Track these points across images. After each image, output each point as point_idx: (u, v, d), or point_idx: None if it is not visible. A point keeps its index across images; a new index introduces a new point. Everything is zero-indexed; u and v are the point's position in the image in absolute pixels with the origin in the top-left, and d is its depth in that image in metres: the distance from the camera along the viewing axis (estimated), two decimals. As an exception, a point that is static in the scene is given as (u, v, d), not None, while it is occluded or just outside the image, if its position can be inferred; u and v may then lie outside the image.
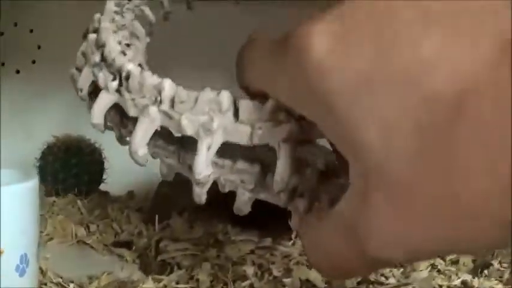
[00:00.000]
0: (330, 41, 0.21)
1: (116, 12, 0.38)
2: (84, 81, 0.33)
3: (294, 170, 0.27)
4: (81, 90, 0.33)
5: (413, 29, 0.19)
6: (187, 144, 0.29)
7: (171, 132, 0.29)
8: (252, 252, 0.51)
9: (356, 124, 0.20)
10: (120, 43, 0.33)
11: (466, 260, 0.51)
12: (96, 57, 0.32)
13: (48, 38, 0.79)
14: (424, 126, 0.19)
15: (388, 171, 0.20)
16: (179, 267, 0.48)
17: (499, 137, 0.18)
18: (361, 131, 0.20)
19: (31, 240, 0.37)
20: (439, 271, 0.48)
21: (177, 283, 0.47)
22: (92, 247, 0.56)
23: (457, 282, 0.46)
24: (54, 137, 0.67)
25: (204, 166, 0.28)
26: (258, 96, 0.26)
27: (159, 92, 0.28)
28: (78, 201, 0.62)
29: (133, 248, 0.54)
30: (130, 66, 0.30)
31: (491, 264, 0.49)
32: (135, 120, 0.30)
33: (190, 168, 0.28)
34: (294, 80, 0.22)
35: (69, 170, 0.63)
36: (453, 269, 0.49)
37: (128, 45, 0.34)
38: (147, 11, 0.42)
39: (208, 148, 0.27)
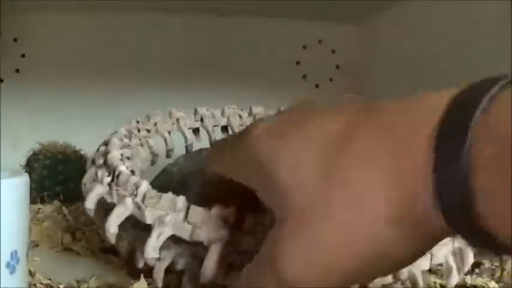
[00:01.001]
0: (264, 129, 0.30)
1: (125, 136, 0.49)
2: (88, 177, 0.42)
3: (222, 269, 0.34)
4: (85, 184, 0.42)
5: (316, 121, 0.28)
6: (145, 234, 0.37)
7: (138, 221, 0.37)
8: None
9: (276, 173, 0.28)
10: (122, 155, 0.43)
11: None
12: (101, 161, 0.42)
13: (32, 47, 0.79)
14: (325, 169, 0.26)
15: (296, 203, 0.26)
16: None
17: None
18: (279, 177, 0.27)
19: (22, 237, 0.36)
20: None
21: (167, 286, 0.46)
22: (78, 253, 0.55)
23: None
24: (40, 144, 0.66)
25: (151, 250, 0.35)
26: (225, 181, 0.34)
27: (137, 188, 0.37)
28: (64, 208, 0.61)
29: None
30: (123, 168, 0.39)
31: (482, 263, 0.49)
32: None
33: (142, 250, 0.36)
34: (242, 157, 0.31)
35: (55, 177, 0.62)
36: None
37: (128, 158, 0.45)
38: (151, 142, 0.54)
39: (158, 236, 0.35)
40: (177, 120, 0.56)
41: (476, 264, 0.49)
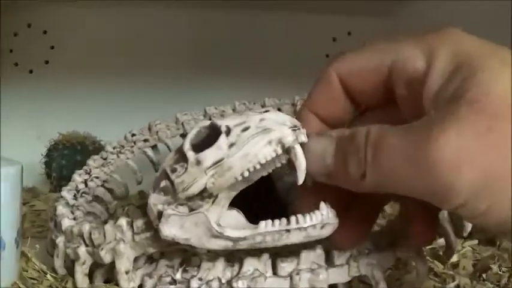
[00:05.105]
0: (451, 145, 0.26)
1: (111, 152, 0.55)
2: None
3: None
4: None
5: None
6: None
7: None
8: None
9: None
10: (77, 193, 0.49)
11: (467, 264, 0.49)
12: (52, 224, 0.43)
13: (61, 39, 0.80)
14: None
15: (496, 101, 0.26)
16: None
17: None
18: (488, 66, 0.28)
19: (9, 225, 0.37)
20: (435, 274, 0.47)
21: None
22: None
23: (452, 285, 0.44)
24: (61, 134, 0.68)
25: (126, 283, 0.35)
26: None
27: (81, 235, 0.37)
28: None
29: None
30: (65, 221, 0.40)
31: (490, 268, 0.47)
32: None
33: None
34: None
35: (73, 166, 0.63)
36: (450, 272, 0.47)
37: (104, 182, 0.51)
38: (149, 152, 0.57)
39: (126, 271, 0.35)
40: (182, 124, 0.56)
41: (483, 269, 0.47)
